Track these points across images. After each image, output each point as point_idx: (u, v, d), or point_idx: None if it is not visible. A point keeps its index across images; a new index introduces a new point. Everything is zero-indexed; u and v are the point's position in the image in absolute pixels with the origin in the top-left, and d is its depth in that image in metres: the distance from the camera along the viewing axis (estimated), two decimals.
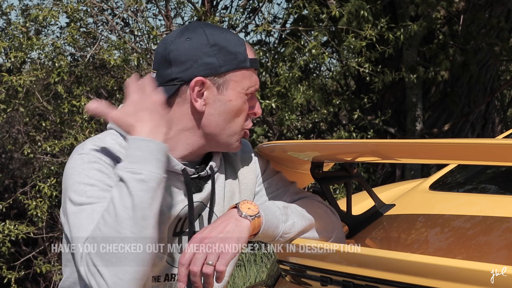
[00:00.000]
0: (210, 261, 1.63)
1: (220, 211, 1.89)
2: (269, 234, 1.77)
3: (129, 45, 5.99)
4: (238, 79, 1.82)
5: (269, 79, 6.89)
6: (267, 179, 1.98)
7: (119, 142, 1.79)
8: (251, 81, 1.84)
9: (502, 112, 9.54)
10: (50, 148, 5.86)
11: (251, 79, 1.84)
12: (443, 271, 1.49)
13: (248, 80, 1.83)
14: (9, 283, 6.13)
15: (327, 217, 1.93)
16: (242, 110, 1.84)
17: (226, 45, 1.82)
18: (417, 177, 7.24)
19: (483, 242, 1.85)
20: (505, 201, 2.09)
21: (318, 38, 6.32)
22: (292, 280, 1.98)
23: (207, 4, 6.71)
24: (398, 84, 7.52)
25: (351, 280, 1.70)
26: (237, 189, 1.94)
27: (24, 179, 7.54)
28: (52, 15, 5.64)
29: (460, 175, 2.46)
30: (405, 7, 6.94)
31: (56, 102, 6.32)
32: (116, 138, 1.80)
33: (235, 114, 1.83)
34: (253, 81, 1.84)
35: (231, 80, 1.81)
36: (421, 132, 7.47)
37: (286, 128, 7.41)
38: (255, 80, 1.85)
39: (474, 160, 2.01)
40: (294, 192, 1.98)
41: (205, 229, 1.70)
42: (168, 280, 1.84)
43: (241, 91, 1.82)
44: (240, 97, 1.83)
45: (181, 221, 1.84)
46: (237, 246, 1.66)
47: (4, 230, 5.87)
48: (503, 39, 7.46)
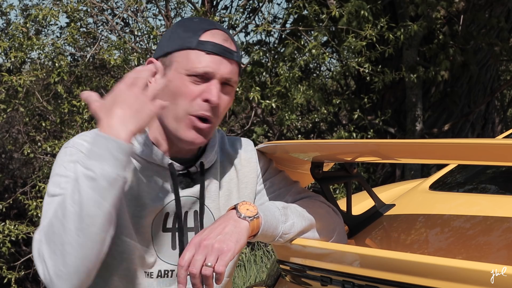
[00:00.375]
0: (209, 263, 1.64)
1: (215, 208, 1.89)
2: (268, 234, 1.77)
3: (129, 45, 5.99)
4: (180, 59, 1.78)
5: (269, 79, 6.90)
6: (269, 178, 1.98)
7: None
8: (194, 62, 1.76)
9: (502, 112, 9.54)
10: (50, 148, 5.87)
11: (195, 60, 1.76)
12: (443, 271, 1.49)
13: (191, 61, 1.76)
14: (9, 283, 6.14)
15: (328, 217, 1.93)
16: (182, 93, 1.76)
17: (183, 29, 1.81)
18: (417, 177, 7.24)
19: (483, 242, 1.85)
20: (505, 201, 2.09)
21: (318, 39, 6.32)
22: (292, 280, 1.98)
23: (207, 4, 6.72)
24: (398, 84, 7.52)
25: (351, 280, 1.70)
26: (235, 187, 1.94)
27: (24, 179, 7.55)
28: (52, 15, 5.64)
29: (460, 175, 2.46)
30: (405, 7, 6.94)
31: (56, 102, 6.32)
32: None
33: (174, 95, 1.77)
34: (198, 63, 1.76)
35: (174, 61, 1.78)
36: (421, 132, 7.47)
37: (286, 128, 7.41)
38: (204, 62, 1.76)
39: (474, 160, 2.01)
40: (297, 192, 1.97)
41: (204, 230, 1.70)
42: (161, 276, 1.84)
43: (181, 72, 1.77)
44: (179, 77, 1.77)
45: (171, 216, 1.84)
46: (236, 247, 1.66)
47: (4, 230, 5.87)
48: (503, 39, 7.47)
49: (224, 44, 1.79)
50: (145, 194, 1.81)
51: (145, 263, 1.83)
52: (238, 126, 8.39)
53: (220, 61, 1.78)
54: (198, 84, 1.77)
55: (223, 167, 1.93)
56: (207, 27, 1.81)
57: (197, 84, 1.77)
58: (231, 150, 1.96)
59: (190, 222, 1.87)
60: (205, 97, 1.77)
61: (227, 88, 1.81)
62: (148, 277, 1.83)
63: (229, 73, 1.79)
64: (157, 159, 1.82)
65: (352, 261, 1.71)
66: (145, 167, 1.83)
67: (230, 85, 1.81)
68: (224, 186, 1.91)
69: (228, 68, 1.79)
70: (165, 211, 1.83)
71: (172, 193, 1.83)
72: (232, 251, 1.65)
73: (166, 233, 1.85)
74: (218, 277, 1.64)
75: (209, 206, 1.88)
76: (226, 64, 1.79)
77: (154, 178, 1.83)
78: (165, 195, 1.83)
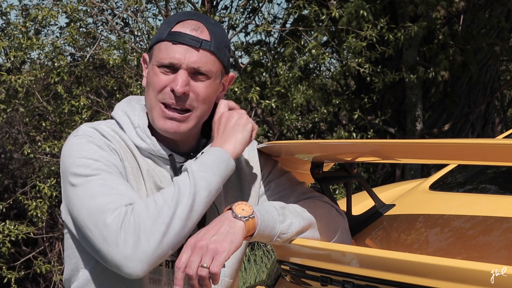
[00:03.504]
0: (205, 264, 1.64)
1: (219, 203, 1.90)
2: (265, 234, 1.77)
3: (129, 45, 5.99)
4: (155, 52, 1.87)
5: (269, 79, 6.90)
6: (274, 179, 1.98)
7: (113, 129, 1.87)
8: (162, 53, 1.84)
9: (502, 112, 9.54)
10: (50, 148, 5.86)
11: (164, 51, 1.84)
12: (443, 271, 1.49)
13: (161, 52, 1.84)
14: (9, 283, 6.14)
15: (330, 217, 1.93)
16: (153, 83, 1.84)
17: (164, 22, 1.90)
18: (417, 177, 7.24)
19: (483, 242, 1.85)
20: (505, 201, 2.09)
21: (318, 39, 6.32)
22: (292, 280, 1.98)
23: (207, 4, 6.72)
24: (398, 84, 7.52)
25: (351, 280, 1.70)
26: (238, 186, 1.94)
27: (24, 179, 7.54)
28: (51, 15, 5.64)
29: (460, 175, 2.46)
30: (405, 7, 6.94)
31: (56, 102, 6.32)
32: (111, 125, 1.88)
33: (148, 86, 1.87)
34: (165, 53, 1.83)
35: (153, 54, 1.88)
36: (421, 132, 7.47)
37: (286, 128, 7.41)
38: (171, 52, 1.83)
39: (474, 160, 2.01)
40: (301, 193, 1.97)
41: (200, 231, 1.70)
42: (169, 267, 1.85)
43: (154, 63, 1.85)
44: (152, 69, 1.86)
45: None
46: (231, 248, 1.67)
47: (4, 230, 5.87)
48: (503, 39, 7.46)
49: (192, 33, 1.84)
50: (145, 186, 1.83)
51: None
52: None
53: (186, 50, 1.83)
54: (167, 75, 1.84)
55: None
56: (182, 18, 1.87)
57: (166, 75, 1.84)
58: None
59: None
60: (171, 87, 1.83)
61: (200, 77, 1.85)
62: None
63: (195, 62, 1.83)
64: (156, 150, 1.86)
65: (352, 261, 1.71)
66: (146, 159, 1.85)
67: (203, 74, 1.85)
68: (227, 184, 1.92)
69: (195, 57, 1.83)
70: None
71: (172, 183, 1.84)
72: (227, 252, 1.66)
73: None
74: (214, 277, 1.64)
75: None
76: (192, 53, 1.83)
77: (154, 169, 1.86)
78: (166, 185, 1.84)
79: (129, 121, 1.89)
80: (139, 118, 1.89)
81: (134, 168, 1.84)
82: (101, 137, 1.82)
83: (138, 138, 1.86)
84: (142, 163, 1.85)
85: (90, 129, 1.83)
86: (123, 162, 1.82)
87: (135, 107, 1.92)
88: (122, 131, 1.88)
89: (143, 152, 1.87)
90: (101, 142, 1.80)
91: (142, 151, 1.87)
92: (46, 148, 5.87)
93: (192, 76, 1.84)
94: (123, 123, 1.88)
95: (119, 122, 1.89)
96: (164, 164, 1.87)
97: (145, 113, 1.91)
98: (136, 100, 1.97)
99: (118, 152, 1.82)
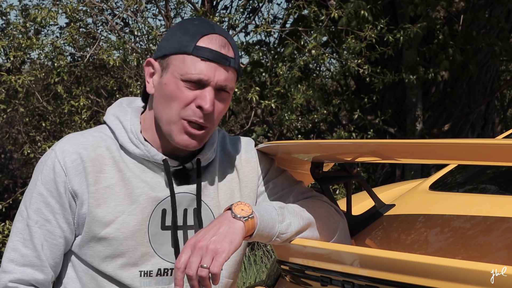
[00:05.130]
0: (205, 264, 1.64)
1: (215, 206, 1.89)
2: (264, 234, 1.77)
3: (128, 45, 5.99)
4: (176, 63, 1.79)
5: (268, 79, 6.90)
6: (272, 179, 1.98)
7: (100, 137, 1.86)
8: (189, 68, 1.77)
9: (502, 112, 9.55)
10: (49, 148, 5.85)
11: (191, 65, 1.77)
12: (443, 271, 1.49)
13: (186, 67, 1.77)
14: None
15: (329, 216, 1.93)
16: (175, 97, 1.78)
17: (183, 32, 1.82)
18: (417, 177, 7.24)
19: (483, 242, 1.85)
20: (505, 201, 2.09)
21: (318, 40, 6.31)
22: (292, 280, 1.98)
23: (207, 4, 6.72)
24: (398, 84, 7.52)
25: (351, 280, 1.70)
26: (237, 187, 1.94)
27: (24, 179, 7.54)
28: (50, 16, 5.64)
29: (460, 175, 2.46)
30: (405, 7, 6.94)
31: (56, 103, 6.32)
32: (100, 134, 1.87)
33: (168, 99, 1.79)
34: (193, 69, 1.77)
35: (171, 64, 1.80)
36: (421, 132, 7.47)
37: (286, 128, 7.41)
38: (199, 68, 1.77)
39: (474, 160, 2.01)
40: (300, 192, 1.97)
41: (199, 232, 1.70)
42: (160, 275, 1.85)
43: (177, 76, 1.78)
44: (174, 81, 1.78)
45: (169, 214, 1.85)
46: (230, 248, 1.67)
47: (4, 230, 5.86)
48: (503, 39, 7.46)
49: (221, 50, 1.79)
50: (139, 191, 1.82)
51: (145, 263, 1.83)
52: (238, 126, 8.40)
53: (215, 68, 1.78)
54: (192, 90, 1.78)
55: (222, 166, 1.93)
56: (205, 31, 1.81)
57: (191, 90, 1.78)
58: (231, 150, 1.96)
59: (190, 220, 1.87)
60: (198, 104, 1.78)
61: (223, 94, 1.82)
62: (145, 276, 1.83)
63: (224, 80, 1.80)
64: (150, 156, 1.84)
65: (352, 261, 1.71)
66: (140, 165, 1.84)
67: (226, 92, 1.82)
68: (226, 185, 1.92)
69: (224, 76, 1.80)
70: (161, 207, 1.84)
71: (167, 189, 1.84)
72: (226, 252, 1.66)
73: (165, 231, 1.85)
74: (214, 277, 1.64)
75: (208, 204, 1.89)
76: (221, 71, 1.79)
77: (148, 175, 1.85)
78: (160, 191, 1.84)
79: (121, 126, 1.86)
80: (132, 123, 1.86)
81: (119, 180, 1.83)
82: (63, 173, 1.83)
83: (131, 144, 1.85)
84: (132, 170, 1.84)
85: (60, 155, 1.85)
86: (97, 185, 1.81)
87: (126, 111, 1.89)
88: (114, 137, 1.87)
89: (137, 158, 1.85)
90: (53, 187, 1.83)
91: (136, 157, 1.85)
92: (46, 148, 5.86)
93: (216, 92, 1.80)
94: (115, 128, 1.86)
95: (110, 127, 1.87)
96: (158, 169, 1.86)
97: (138, 117, 1.89)
98: (127, 103, 1.94)
99: (86, 177, 1.81)
